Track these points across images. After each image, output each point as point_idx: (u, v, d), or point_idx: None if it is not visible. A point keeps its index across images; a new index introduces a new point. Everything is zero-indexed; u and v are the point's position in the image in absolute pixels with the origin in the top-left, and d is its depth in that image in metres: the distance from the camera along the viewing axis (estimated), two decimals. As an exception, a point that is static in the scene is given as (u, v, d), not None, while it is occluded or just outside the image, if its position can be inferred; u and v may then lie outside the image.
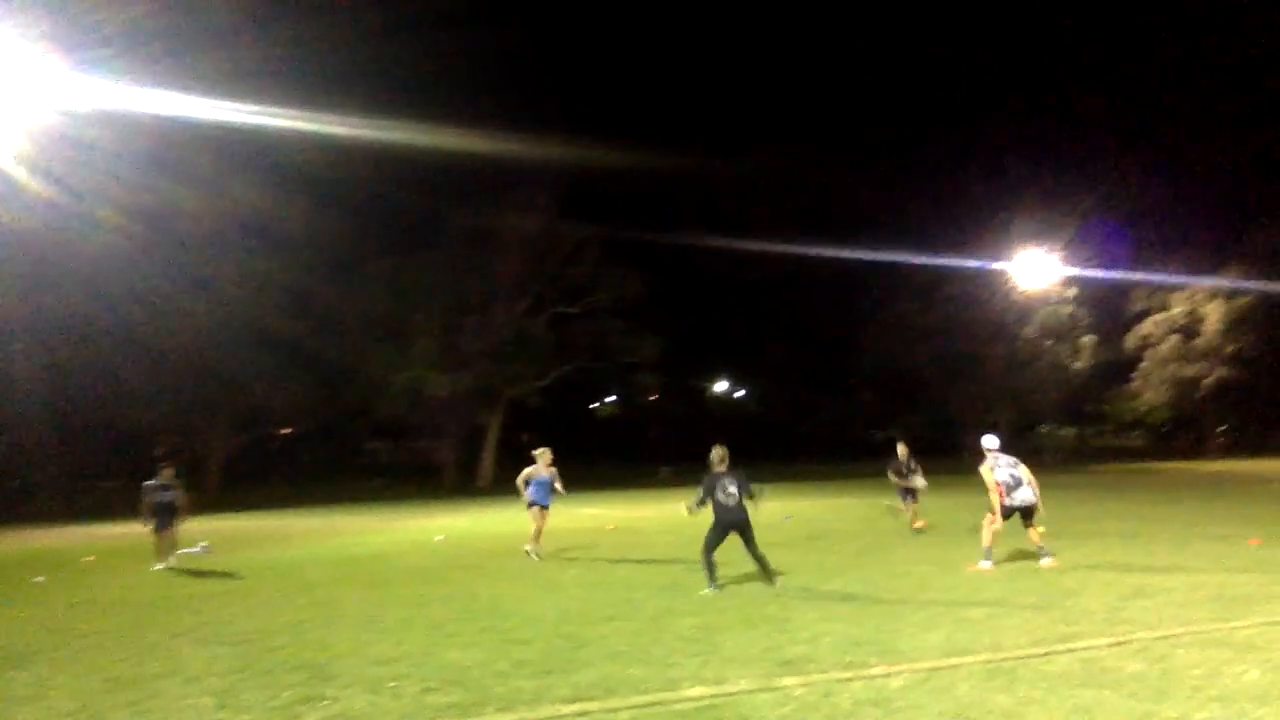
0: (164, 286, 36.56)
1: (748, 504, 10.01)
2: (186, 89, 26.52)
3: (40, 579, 13.74)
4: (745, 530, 9.97)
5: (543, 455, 14.31)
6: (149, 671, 7.18)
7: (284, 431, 53.85)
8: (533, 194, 46.56)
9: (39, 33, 22.65)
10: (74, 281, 33.71)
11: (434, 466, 50.54)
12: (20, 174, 26.25)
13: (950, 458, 57.61)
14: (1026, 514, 10.86)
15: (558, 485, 14.41)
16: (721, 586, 9.84)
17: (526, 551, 13.92)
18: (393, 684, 6.46)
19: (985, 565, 10.65)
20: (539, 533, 13.98)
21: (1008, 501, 10.74)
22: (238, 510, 31.63)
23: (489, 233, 46.41)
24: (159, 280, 36.28)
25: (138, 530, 15.01)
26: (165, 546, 14.42)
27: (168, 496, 14.46)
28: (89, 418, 37.67)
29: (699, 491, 10.16)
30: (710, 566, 9.90)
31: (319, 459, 57.57)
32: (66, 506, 34.52)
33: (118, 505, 34.54)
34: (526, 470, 14.31)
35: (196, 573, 13.74)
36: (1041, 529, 11.28)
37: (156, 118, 27.15)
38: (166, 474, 14.76)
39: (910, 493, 16.19)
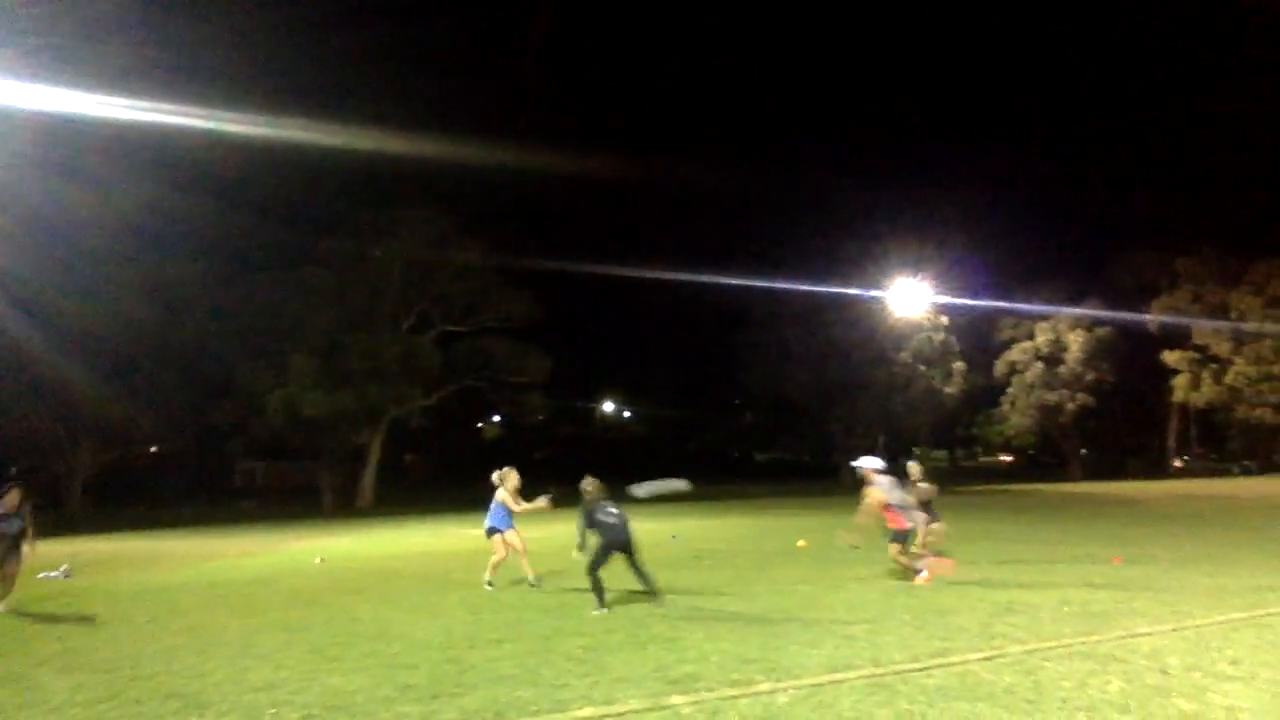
0: (43, 291, 34.70)
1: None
2: (71, 84, 25.22)
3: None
4: (630, 549, 10.05)
5: (509, 476, 12.40)
6: (7, 702, 6.77)
7: (151, 450, 51.39)
8: (423, 210, 45.96)
9: None
10: None
11: (313, 487, 49.04)
12: None
13: (827, 479, 59.15)
14: (904, 538, 11.28)
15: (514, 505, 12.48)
16: (609, 607, 9.85)
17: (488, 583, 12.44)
18: (272, 711, 6.25)
19: (923, 576, 10.95)
20: (499, 564, 12.49)
21: (908, 523, 11.10)
22: (102, 532, 30.05)
23: (376, 248, 45.57)
24: (36, 285, 34.40)
25: None
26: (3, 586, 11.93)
27: (10, 527, 11.89)
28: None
29: (580, 525, 10.21)
30: (597, 587, 9.92)
31: (190, 479, 55.19)
32: None
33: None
34: (501, 495, 12.33)
35: (58, 597, 13.00)
36: (915, 547, 11.69)
37: (39, 114, 25.72)
38: (10, 499, 12.01)
39: (927, 513, 13.52)
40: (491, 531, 12.39)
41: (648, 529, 23.06)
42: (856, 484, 12.07)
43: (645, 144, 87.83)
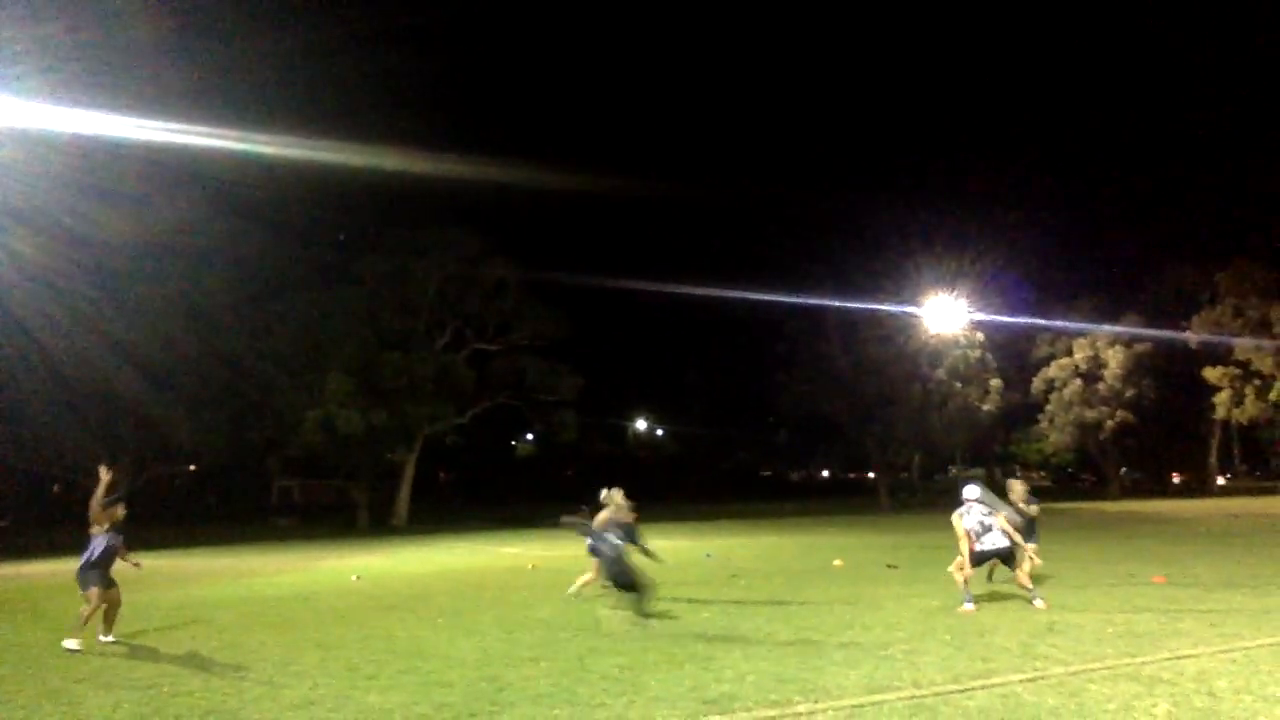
0: (83, 310, 35.31)
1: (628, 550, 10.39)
2: (107, 108, 25.73)
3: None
4: (619, 581, 10.30)
5: (614, 497, 11.68)
6: (47, 719, 6.85)
7: (190, 467, 52.00)
8: (455, 228, 46.37)
9: None
10: None
11: (348, 505, 49.37)
12: None
13: (863, 496, 58.70)
14: (1006, 559, 10.97)
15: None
16: (648, 624, 9.81)
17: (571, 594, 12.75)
18: (310, 729, 6.27)
19: (968, 607, 10.57)
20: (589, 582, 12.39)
21: (978, 547, 10.86)
22: (142, 548, 30.42)
23: (409, 267, 45.95)
24: (75, 304, 35.03)
25: (30, 571, 14.04)
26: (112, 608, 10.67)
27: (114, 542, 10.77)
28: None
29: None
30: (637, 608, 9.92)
31: (228, 496, 55.77)
32: None
33: (11, 544, 32.97)
34: (601, 516, 11.58)
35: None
36: (1028, 567, 11.24)
37: (77, 137, 26.30)
38: (117, 514, 10.95)
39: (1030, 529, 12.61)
40: (594, 551, 11.61)
41: (682, 547, 22.99)
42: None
43: (678, 160, 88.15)
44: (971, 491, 11.22)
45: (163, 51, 31.48)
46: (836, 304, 53.74)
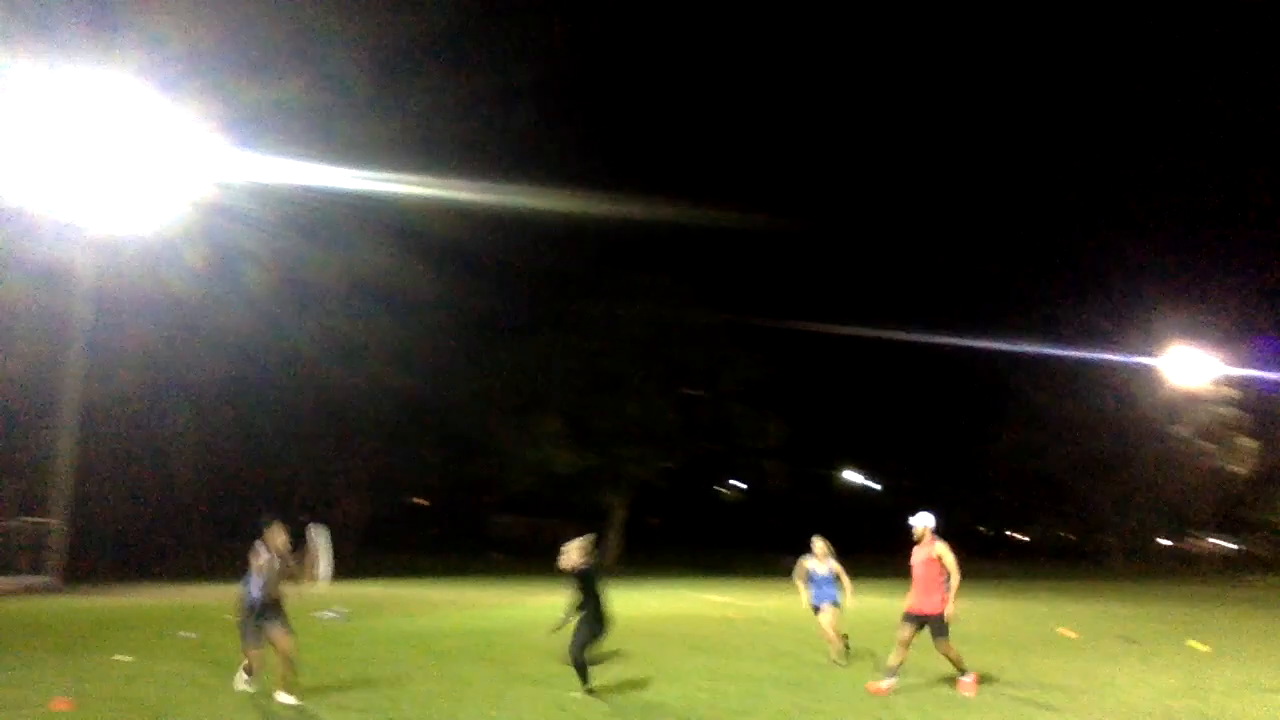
0: (304, 348, 38.31)
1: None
2: (328, 159, 28.39)
3: (189, 635, 14.24)
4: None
5: (816, 546, 11.99)
6: None
7: (419, 501, 55.20)
8: (663, 274, 47.34)
9: (209, 115, 24.76)
10: (222, 343, 35.76)
11: (558, 545, 50.75)
12: (181, 243, 28.29)
13: (1091, 561, 54.58)
14: None
15: (844, 581, 11.74)
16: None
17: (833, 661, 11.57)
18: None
19: None
20: (833, 636, 11.67)
21: None
22: (369, 577, 32.36)
23: (619, 312, 47.14)
24: (299, 341, 38.07)
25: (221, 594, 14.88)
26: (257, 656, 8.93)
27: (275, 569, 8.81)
28: (234, 477, 39.42)
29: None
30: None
31: (447, 530, 58.55)
32: (212, 564, 35.99)
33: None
34: (803, 563, 12.01)
35: (333, 638, 14.04)
36: None
37: (297, 187, 29.00)
38: (281, 541, 8.86)
39: None
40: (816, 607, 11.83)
41: (890, 606, 22.10)
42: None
43: (891, 203, 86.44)
44: None
45: (373, 106, 34.20)
46: (1059, 353, 50.68)
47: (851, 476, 78.61)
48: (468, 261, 41.45)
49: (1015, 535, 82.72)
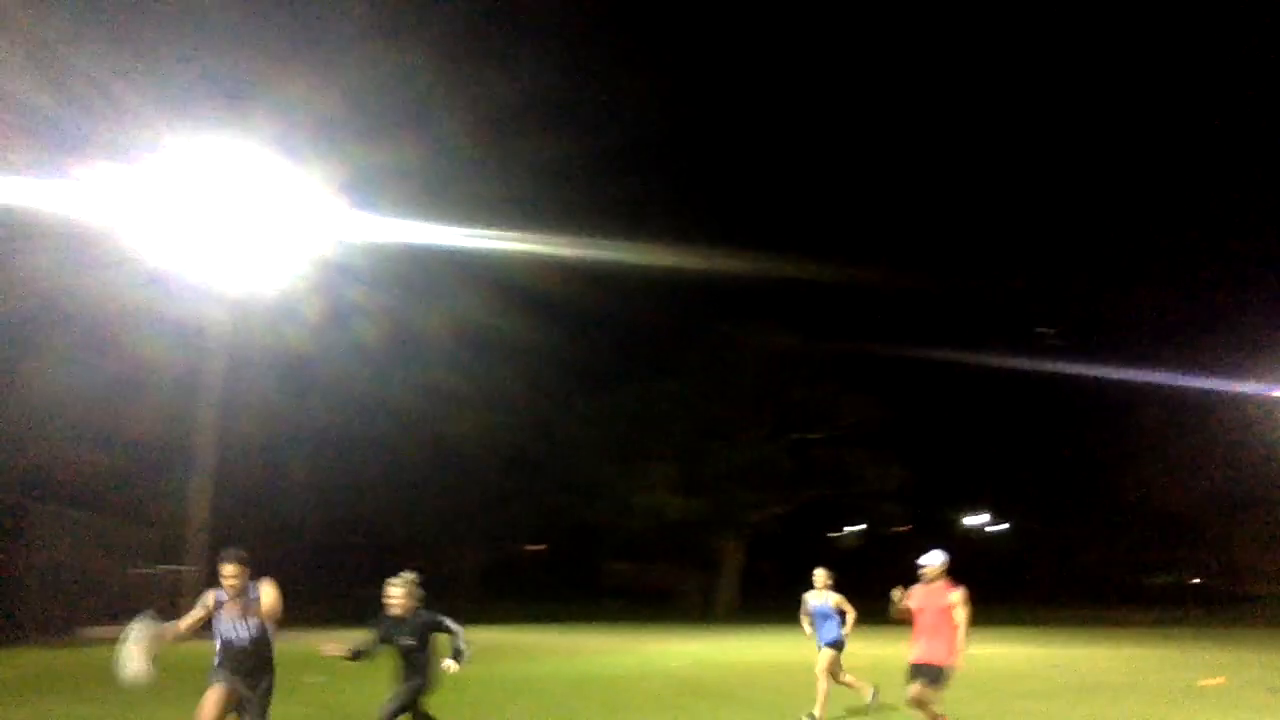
0: (409, 400, 39.44)
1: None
2: (435, 217, 29.87)
3: (318, 680, 14.57)
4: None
5: (817, 577, 11.18)
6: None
7: (532, 548, 55.88)
8: (772, 318, 47.09)
9: (329, 178, 26.12)
10: (335, 395, 37.19)
11: (675, 590, 50.48)
12: (300, 300, 29.71)
13: (1235, 607, 51.25)
14: None
15: (847, 615, 10.88)
16: None
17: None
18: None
19: None
20: (846, 681, 11.10)
21: None
22: (485, 623, 32.76)
23: (728, 358, 47.07)
24: (405, 394, 39.23)
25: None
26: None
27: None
28: (349, 526, 40.70)
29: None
30: None
31: (561, 576, 58.93)
32: (331, 611, 36.99)
33: (369, 612, 36.66)
34: (806, 600, 11.16)
35: (446, 683, 14.17)
36: None
37: (407, 245, 30.39)
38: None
39: None
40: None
41: (1025, 655, 21.19)
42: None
43: (1010, 240, 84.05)
44: None
45: (478, 167, 35.75)
46: (1192, 384, 48.06)
47: (976, 519, 76.04)
48: (569, 314, 42.44)
49: (1150, 578, 78.51)
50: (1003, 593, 52.01)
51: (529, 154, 39.60)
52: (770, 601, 54.21)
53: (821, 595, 10.82)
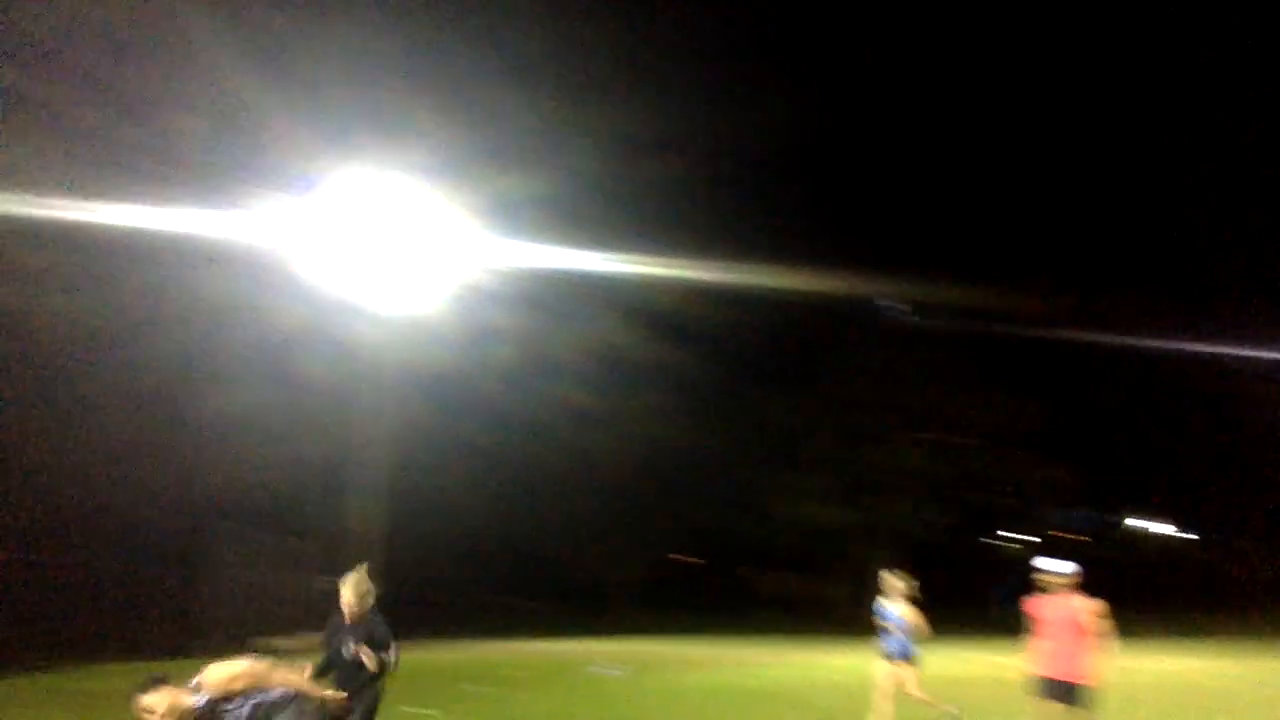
0: (550, 417, 40.38)
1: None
2: (568, 242, 31.28)
3: (484, 690, 14.89)
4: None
5: (887, 580, 10.87)
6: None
7: (691, 560, 56.23)
8: (909, 320, 46.04)
9: (473, 206, 27.34)
10: (482, 413, 38.49)
11: (825, 600, 49.53)
12: (446, 322, 30.96)
13: None
14: None
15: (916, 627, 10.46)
16: None
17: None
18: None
19: None
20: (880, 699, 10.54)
21: None
22: (643, 634, 32.94)
23: (877, 366, 46.08)
24: (546, 412, 40.20)
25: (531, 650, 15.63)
26: None
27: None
28: (486, 539, 41.92)
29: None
30: None
31: (718, 588, 58.80)
32: (472, 622, 37.74)
33: (525, 624, 37.65)
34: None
35: (613, 692, 14.31)
36: None
37: (542, 269, 31.32)
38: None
39: None
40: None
41: (1219, 670, 19.79)
42: None
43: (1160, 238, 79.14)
44: None
45: (611, 192, 37.14)
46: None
47: (1157, 526, 71.51)
48: (705, 334, 42.75)
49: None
50: (1185, 601, 48.82)
51: (659, 179, 40.74)
52: (928, 612, 52.64)
53: (894, 603, 10.38)
